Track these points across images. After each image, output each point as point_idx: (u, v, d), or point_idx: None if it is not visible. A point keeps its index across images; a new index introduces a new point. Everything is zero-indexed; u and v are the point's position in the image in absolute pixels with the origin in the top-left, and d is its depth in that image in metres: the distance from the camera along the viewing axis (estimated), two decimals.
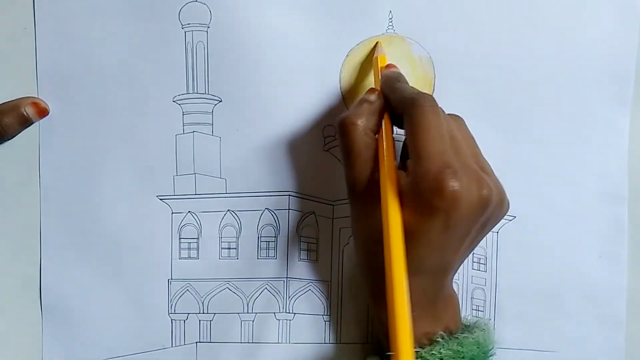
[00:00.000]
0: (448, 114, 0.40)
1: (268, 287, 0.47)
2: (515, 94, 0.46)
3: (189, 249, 0.47)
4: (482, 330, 0.40)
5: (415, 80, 0.46)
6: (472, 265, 0.47)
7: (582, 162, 0.47)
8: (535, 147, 0.47)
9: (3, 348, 0.47)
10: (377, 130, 0.40)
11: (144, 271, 0.46)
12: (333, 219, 0.47)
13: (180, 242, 0.47)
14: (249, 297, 0.47)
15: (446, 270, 0.40)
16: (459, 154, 0.37)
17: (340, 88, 0.46)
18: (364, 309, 0.47)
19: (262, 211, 0.47)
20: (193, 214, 0.46)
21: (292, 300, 0.47)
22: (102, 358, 0.46)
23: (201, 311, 0.47)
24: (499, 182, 0.39)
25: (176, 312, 0.47)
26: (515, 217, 0.47)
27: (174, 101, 0.46)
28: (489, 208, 0.37)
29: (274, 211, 0.47)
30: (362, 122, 0.39)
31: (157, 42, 0.45)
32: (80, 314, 0.46)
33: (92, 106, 0.46)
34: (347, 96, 0.46)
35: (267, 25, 0.45)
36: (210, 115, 0.46)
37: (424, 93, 0.38)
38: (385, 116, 0.40)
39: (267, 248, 0.47)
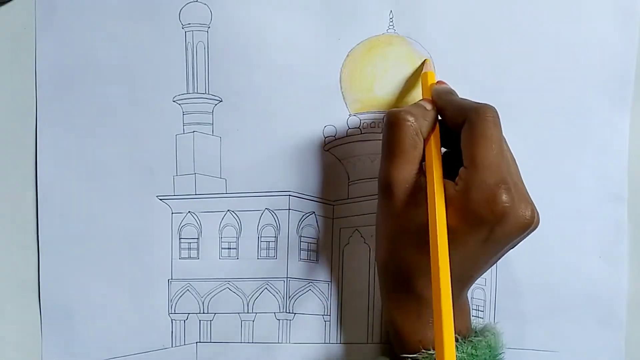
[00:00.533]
0: None
1: (268, 287, 0.47)
2: (515, 94, 0.46)
3: (189, 249, 0.47)
4: (492, 334, 0.41)
5: (415, 80, 0.46)
6: None
7: (582, 163, 0.47)
8: (536, 148, 0.47)
9: (2, 349, 0.47)
10: (427, 136, 0.40)
11: (144, 271, 0.46)
12: (333, 219, 0.47)
13: (180, 242, 0.46)
14: (249, 297, 0.47)
15: (469, 281, 0.40)
16: (510, 172, 0.38)
17: (341, 88, 0.46)
18: (364, 309, 0.47)
19: (262, 211, 0.47)
20: (193, 214, 0.46)
21: (293, 301, 0.47)
22: (102, 358, 0.46)
23: (201, 311, 0.47)
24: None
25: (176, 312, 0.47)
26: None
27: (174, 101, 0.46)
28: (530, 229, 0.37)
29: (274, 211, 0.47)
30: (415, 122, 0.39)
31: (157, 42, 0.45)
32: (80, 314, 0.46)
33: (92, 106, 0.46)
34: (347, 96, 0.46)
35: (267, 25, 0.45)
36: (210, 115, 0.46)
37: (487, 104, 0.39)
38: (436, 127, 0.40)
39: (267, 248, 0.47)
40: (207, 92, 0.46)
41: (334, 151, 0.46)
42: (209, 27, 0.45)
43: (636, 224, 0.47)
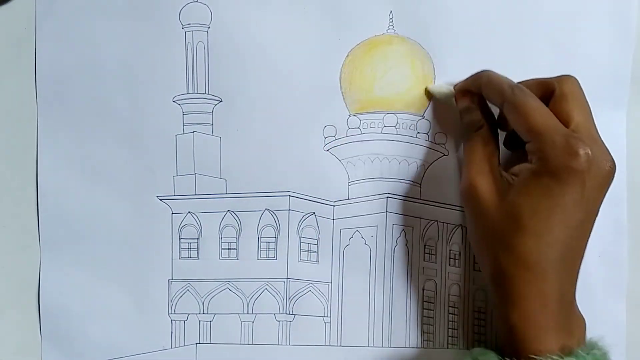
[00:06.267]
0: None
1: (268, 288, 0.47)
2: None
3: (189, 249, 0.46)
4: (600, 350, 0.39)
5: (415, 80, 0.46)
6: (474, 266, 0.47)
7: None
8: None
9: (2, 349, 0.47)
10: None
11: (144, 271, 0.46)
12: (334, 219, 0.47)
13: (180, 242, 0.46)
14: (249, 297, 0.47)
15: (577, 265, 0.39)
16: (590, 128, 0.39)
17: (340, 88, 0.46)
18: (364, 311, 0.47)
19: (262, 211, 0.47)
20: (193, 215, 0.46)
21: (292, 302, 0.47)
22: (102, 359, 0.46)
23: (201, 311, 0.47)
24: None
25: (176, 312, 0.47)
26: None
27: (174, 101, 0.46)
28: (612, 177, 0.38)
29: (274, 211, 0.46)
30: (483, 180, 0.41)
31: (157, 42, 0.45)
32: (80, 314, 0.46)
33: (92, 106, 0.46)
34: (347, 96, 0.46)
35: (267, 25, 0.45)
36: (210, 115, 0.46)
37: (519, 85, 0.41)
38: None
39: (267, 249, 0.47)
40: (207, 92, 0.46)
41: (334, 151, 0.46)
42: (209, 27, 0.45)
43: (636, 224, 0.47)
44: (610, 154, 0.38)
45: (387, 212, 0.46)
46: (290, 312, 0.47)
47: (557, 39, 0.46)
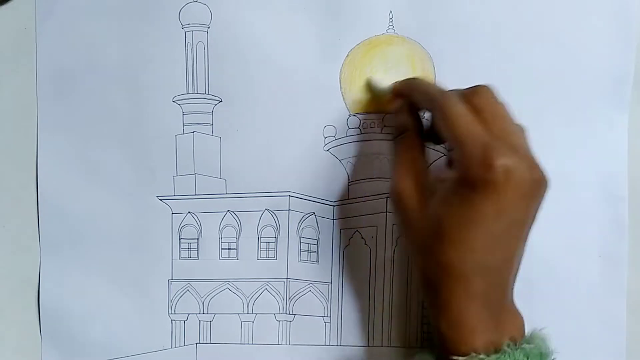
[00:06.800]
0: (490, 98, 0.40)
1: (268, 288, 0.47)
2: (515, 94, 0.46)
3: (189, 249, 0.47)
4: (542, 340, 0.39)
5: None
6: None
7: (582, 162, 0.47)
8: (535, 148, 0.47)
9: (2, 349, 0.47)
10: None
11: (144, 271, 0.46)
12: (334, 219, 0.47)
13: (180, 243, 0.46)
14: (249, 297, 0.47)
15: (507, 269, 0.38)
16: (507, 136, 0.37)
17: (340, 88, 0.46)
18: (364, 311, 0.47)
19: (262, 211, 0.47)
20: (193, 215, 0.46)
21: (292, 302, 0.47)
22: (102, 359, 0.46)
23: (201, 311, 0.47)
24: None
25: (176, 312, 0.47)
26: None
27: (174, 101, 0.46)
28: (542, 190, 0.36)
29: (274, 211, 0.47)
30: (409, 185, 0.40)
31: (157, 42, 0.45)
32: (80, 315, 0.46)
33: (92, 106, 0.46)
34: (347, 96, 0.46)
35: (267, 26, 0.45)
36: (210, 115, 0.46)
37: (447, 90, 0.39)
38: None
39: (267, 249, 0.47)
40: (207, 92, 0.46)
41: (334, 151, 0.46)
42: (208, 27, 0.45)
43: (636, 224, 0.47)
44: (535, 162, 0.36)
45: (387, 212, 0.46)
46: (290, 312, 0.47)
47: (558, 40, 0.46)
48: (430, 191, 0.39)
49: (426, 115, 0.43)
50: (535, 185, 0.36)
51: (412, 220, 0.39)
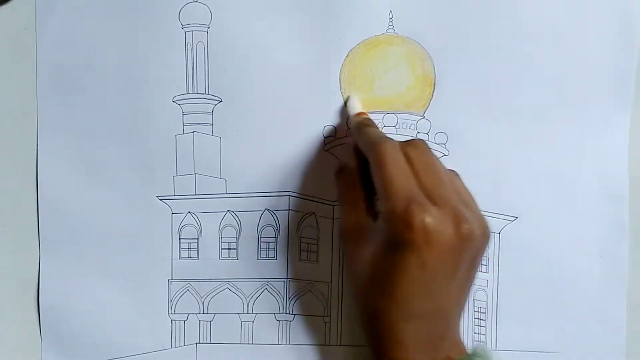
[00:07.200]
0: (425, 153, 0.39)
1: (268, 288, 0.47)
2: (516, 94, 0.46)
3: (189, 249, 0.47)
4: (480, 357, 0.38)
5: (415, 80, 0.46)
6: None
7: (582, 162, 0.47)
8: (536, 148, 0.47)
9: (2, 349, 0.47)
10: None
11: (144, 271, 0.46)
12: (334, 219, 0.47)
13: (180, 242, 0.46)
14: (249, 297, 0.47)
15: (442, 316, 0.38)
16: (436, 189, 0.36)
17: (340, 88, 0.46)
18: None
19: (262, 211, 0.47)
20: (193, 215, 0.46)
21: (292, 301, 0.47)
22: (102, 359, 0.46)
23: (201, 311, 0.47)
24: (482, 215, 0.38)
25: (176, 312, 0.47)
26: (516, 217, 0.47)
27: (173, 101, 0.46)
28: (473, 243, 0.36)
29: (274, 211, 0.47)
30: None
31: (157, 42, 0.45)
32: (80, 314, 0.46)
33: (92, 106, 0.46)
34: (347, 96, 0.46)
35: (267, 26, 0.45)
36: (210, 115, 0.46)
37: (387, 138, 0.39)
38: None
39: (267, 249, 0.47)
40: (207, 92, 0.46)
41: (334, 151, 0.46)
42: (208, 27, 0.45)
43: (636, 224, 0.47)
44: (464, 216, 0.35)
45: None
46: (290, 312, 0.47)
47: (559, 40, 0.46)
48: (369, 231, 0.40)
49: None
50: (462, 239, 0.35)
51: (350, 261, 0.40)
